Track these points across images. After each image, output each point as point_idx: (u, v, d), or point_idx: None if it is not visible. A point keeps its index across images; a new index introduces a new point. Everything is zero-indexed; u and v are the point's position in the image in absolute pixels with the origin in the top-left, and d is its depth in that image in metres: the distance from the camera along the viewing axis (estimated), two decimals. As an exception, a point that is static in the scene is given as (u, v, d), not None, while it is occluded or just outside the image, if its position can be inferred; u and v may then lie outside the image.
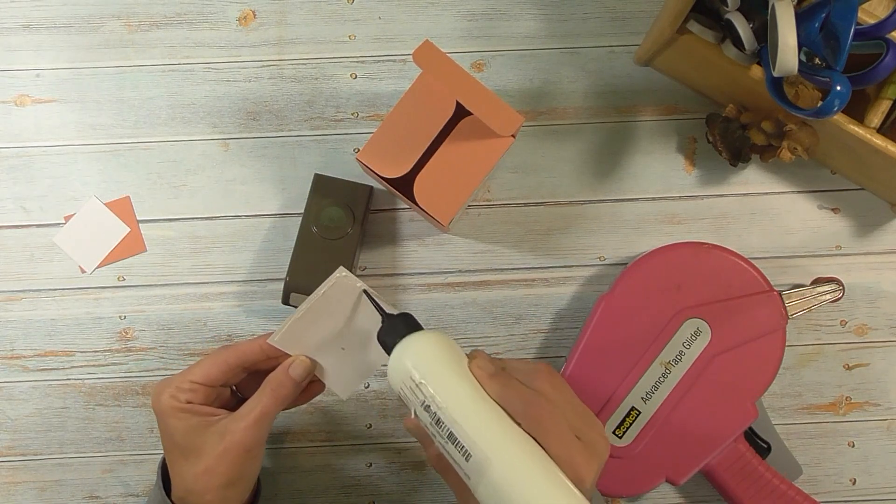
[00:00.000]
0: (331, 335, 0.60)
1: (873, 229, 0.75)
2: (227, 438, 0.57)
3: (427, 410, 0.50)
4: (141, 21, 0.75)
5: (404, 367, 0.52)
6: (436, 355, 0.52)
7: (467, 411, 0.49)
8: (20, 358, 0.74)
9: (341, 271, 0.59)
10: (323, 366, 0.61)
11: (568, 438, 0.49)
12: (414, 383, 0.51)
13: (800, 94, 0.65)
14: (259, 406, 0.58)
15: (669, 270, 0.69)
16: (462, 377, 0.51)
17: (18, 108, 0.75)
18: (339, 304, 0.59)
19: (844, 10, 0.57)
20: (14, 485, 0.74)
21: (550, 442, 0.49)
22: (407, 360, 0.52)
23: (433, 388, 0.50)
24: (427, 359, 0.52)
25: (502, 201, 0.75)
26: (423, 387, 0.51)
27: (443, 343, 0.53)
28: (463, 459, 0.49)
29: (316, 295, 0.59)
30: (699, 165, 0.75)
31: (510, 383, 0.51)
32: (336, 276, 0.59)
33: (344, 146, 0.75)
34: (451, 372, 0.51)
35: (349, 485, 0.74)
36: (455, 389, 0.50)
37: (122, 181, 0.75)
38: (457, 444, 0.49)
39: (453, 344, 0.53)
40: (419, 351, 0.52)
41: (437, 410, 0.50)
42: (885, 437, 0.74)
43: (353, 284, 0.59)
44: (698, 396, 0.68)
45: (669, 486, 0.72)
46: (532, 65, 0.75)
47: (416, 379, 0.51)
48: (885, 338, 0.75)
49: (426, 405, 0.50)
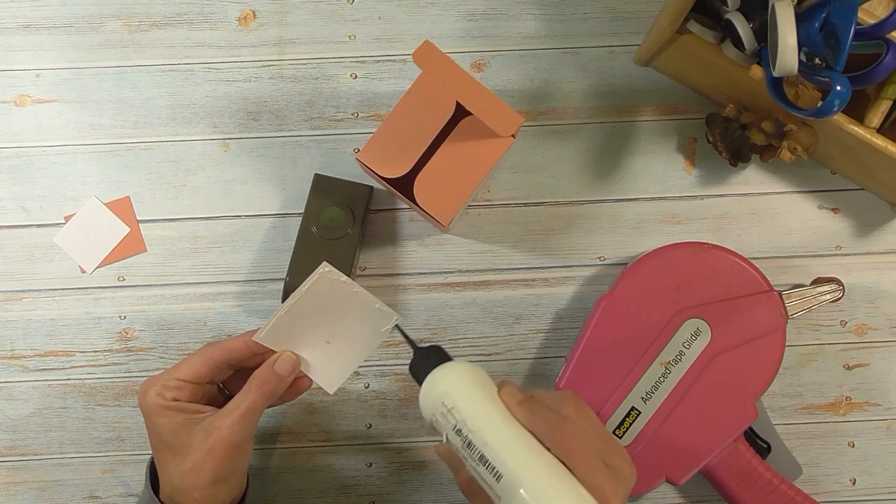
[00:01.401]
0: (316, 330, 0.61)
1: (873, 229, 0.75)
2: (213, 435, 0.57)
3: (459, 434, 0.52)
4: (141, 21, 0.75)
5: (436, 393, 0.54)
6: (467, 383, 0.54)
7: (498, 434, 0.51)
8: (20, 358, 0.74)
9: (325, 266, 0.59)
10: (309, 361, 0.61)
11: (595, 463, 0.51)
12: (446, 408, 0.53)
13: (800, 94, 0.65)
14: (245, 402, 0.58)
15: (669, 270, 0.69)
16: (492, 403, 0.53)
17: (18, 108, 0.75)
18: (323, 299, 0.60)
19: (844, 10, 0.57)
20: (14, 485, 0.74)
21: (577, 465, 0.50)
22: (439, 388, 0.54)
23: (465, 412, 0.52)
24: (458, 386, 0.54)
25: (502, 201, 0.75)
26: (454, 412, 0.52)
27: (473, 372, 0.55)
28: (494, 480, 0.50)
29: (300, 291, 0.59)
30: (699, 165, 0.75)
31: (538, 409, 0.52)
32: (320, 271, 0.59)
33: (344, 146, 0.75)
34: (482, 398, 0.53)
35: (349, 485, 0.74)
36: (485, 414, 0.52)
37: (122, 181, 0.75)
38: (488, 466, 0.51)
39: (483, 374, 0.55)
40: (451, 379, 0.54)
41: (468, 434, 0.52)
42: (885, 437, 0.74)
43: (336, 279, 0.59)
44: (698, 396, 0.68)
45: (669, 486, 0.72)
46: (532, 65, 0.75)
47: (447, 405, 0.53)
48: (885, 338, 0.75)
49: (458, 429, 0.52)
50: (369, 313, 0.60)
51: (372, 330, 0.61)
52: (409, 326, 0.74)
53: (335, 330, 0.61)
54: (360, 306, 0.60)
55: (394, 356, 0.74)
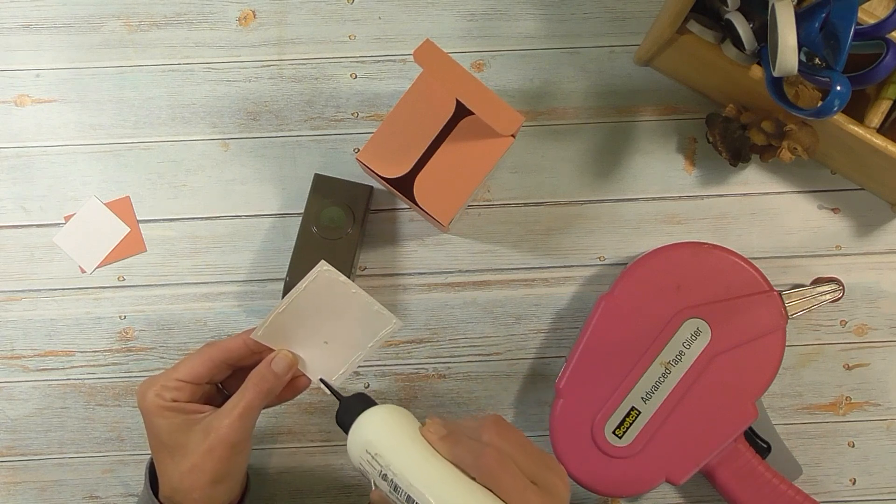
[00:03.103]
0: (314, 329, 0.60)
1: (873, 229, 0.75)
2: (211, 435, 0.57)
3: (385, 479, 0.52)
4: (141, 21, 0.75)
5: (361, 442, 0.54)
6: (389, 426, 0.54)
7: (420, 473, 0.51)
8: (20, 358, 0.74)
9: (323, 265, 0.59)
10: (307, 360, 0.61)
11: (521, 485, 0.50)
12: (370, 455, 0.53)
13: (800, 94, 0.65)
14: (243, 402, 0.58)
15: (669, 270, 0.69)
16: (415, 442, 0.53)
17: (18, 108, 0.75)
18: (321, 298, 0.59)
19: (844, 10, 0.57)
20: (14, 485, 0.74)
21: (505, 490, 0.50)
22: (363, 436, 0.54)
23: (388, 457, 0.52)
24: (380, 431, 0.54)
25: (502, 201, 0.75)
26: (378, 458, 0.53)
27: (395, 414, 0.55)
28: None
29: (298, 289, 0.59)
30: (699, 165, 0.75)
31: (460, 441, 0.52)
32: (318, 269, 0.59)
33: (344, 146, 0.75)
34: (404, 439, 0.53)
35: (349, 485, 0.74)
36: (407, 455, 0.52)
37: (122, 181, 0.75)
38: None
39: (406, 414, 0.55)
40: (373, 425, 0.54)
41: (392, 477, 0.52)
42: (885, 437, 0.74)
43: (335, 278, 0.59)
44: (698, 396, 0.68)
45: (669, 486, 0.72)
46: (532, 65, 0.75)
47: (371, 451, 0.53)
48: (885, 338, 0.75)
49: (383, 474, 0.52)
50: (368, 315, 0.60)
51: (371, 332, 0.61)
52: (409, 327, 0.74)
53: (333, 330, 0.61)
54: (358, 307, 0.60)
55: (394, 356, 0.74)
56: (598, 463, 0.68)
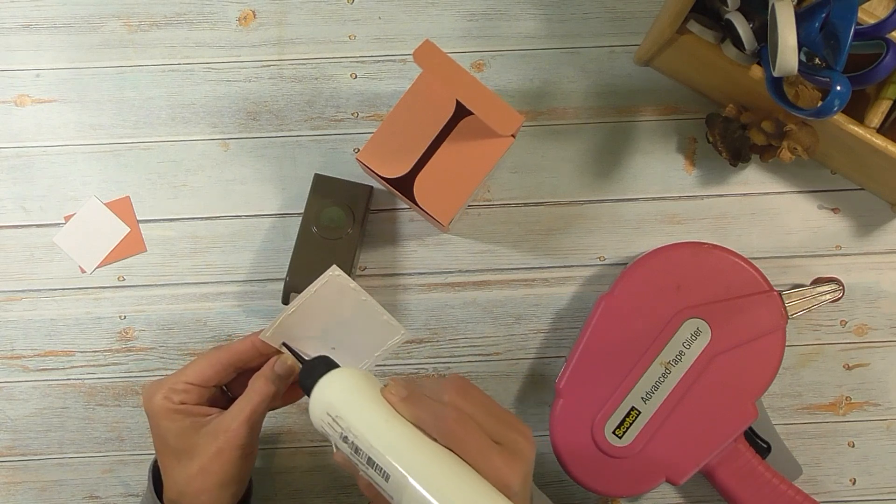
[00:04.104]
0: (321, 333, 0.60)
1: (873, 229, 0.75)
2: (220, 438, 0.57)
3: (346, 441, 0.52)
4: (141, 21, 0.75)
5: (322, 404, 0.53)
6: (349, 389, 0.53)
7: (380, 435, 0.51)
8: (20, 358, 0.74)
9: (335, 270, 0.59)
10: None
11: (484, 444, 0.50)
12: (331, 418, 0.52)
13: (800, 94, 0.65)
14: (250, 405, 0.58)
15: (669, 270, 0.69)
16: (376, 404, 0.52)
17: (18, 108, 0.75)
18: (330, 303, 0.59)
19: (844, 10, 0.57)
20: (14, 485, 0.74)
21: (467, 451, 0.49)
22: (324, 398, 0.53)
23: (348, 419, 0.52)
24: (341, 393, 0.53)
25: (502, 201, 0.75)
26: (339, 420, 0.52)
27: (356, 376, 0.54)
28: (383, 481, 0.50)
29: (308, 292, 0.59)
30: (699, 165, 0.75)
31: (420, 401, 0.51)
32: (329, 273, 0.59)
33: (344, 146, 0.75)
34: (365, 401, 0.52)
35: (349, 485, 0.74)
36: (368, 417, 0.52)
37: (122, 181, 0.75)
38: (375, 468, 0.50)
39: (368, 376, 0.54)
40: (334, 388, 0.54)
41: (353, 439, 0.51)
42: (885, 437, 0.74)
43: (346, 284, 0.59)
44: (698, 396, 0.68)
45: (669, 486, 0.72)
46: (532, 65, 0.75)
47: (332, 413, 0.52)
48: (885, 338, 0.75)
49: (344, 436, 0.52)
50: (377, 324, 0.60)
51: (378, 341, 0.61)
52: (409, 327, 0.74)
53: (341, 336, 0.61)
54: (367, 316, 0.60)
55: (394, 356, 0.74)
56: (598, 463, 0.68)
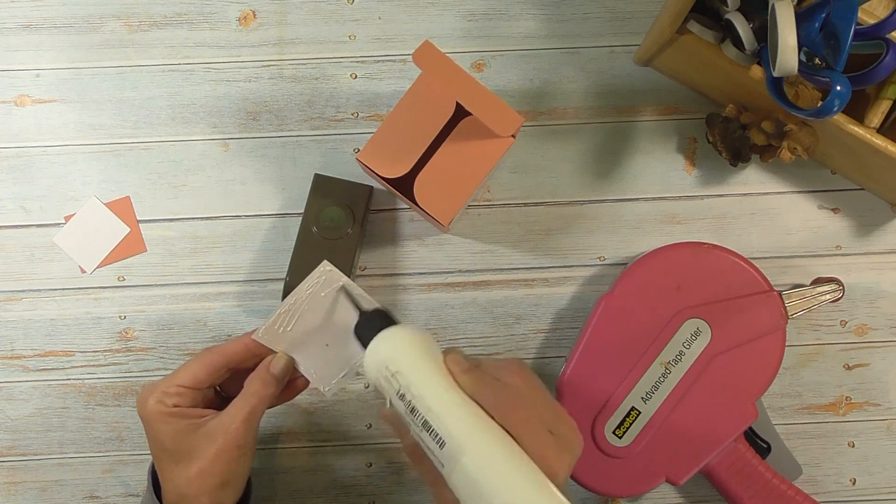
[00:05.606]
0: (315, 331, 0.60)
1: (873, 229, 0.75)
2: (219, 439, 0.57)
3: (402, 399, 0.51)
4: (141, 21, 0.75)
5: (381, 357, 0.53)
6: (412, 347, 0.53)
7: (441, 401, 0.50)
8: (20, 358, 0.74)
9: (325, 265, 0.59)
10: (307, 362, 0.61)
11: (539, 432, 0.50)
12: (390, 373, 0.52)
13: (800, 94, 0.65)
14: (247, 405, 0.58)
15: (669, 270, 0.69)
16: (436, 369, 0.52)
17: (18, 108, 0.75)
18: (323, 300, 0.59)
19: (844, 10, 0.57)
20: (14, 485, 0.74)
21: (522, 434, 0.50)
22: (383, 351, 0.53)
23: (408, 377, 0.51)
24: (403, 350, 0.53)
25: (502, 201, 0.75)
26: (398, 376, 0.52)
27: (419, 337, 0.54)
28: (437, 447, 0.50)
29: (300, 290, 0.59)
30: (699, 165, 0.75)
31: (483, 378, 0.52)
32: (320, 270, 0.59)
33: (344, 146, 0.75)
34: (427, 364, 0.52)
35: (349, 485, 0.74)
36: (430, 380, 0.51)
37: (122, 181, 0.75)
38: (431, 432, 0.50)
39: (430, 338, 0.54)
40: (396, 343, 0.53)
41: (411, 399, 0.51)
42: (885, 437, 0.74)
43: (337, 280, 0.59)
44: (698, 396, 0.68)
45: (669, 486, 0.72)
46: (532, 65, 0.75)
47: (391, 369, 0.52)
48: (885, 338, 0.75)
49: (401, 394, 0.51)
50: None
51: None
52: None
53: (334, 332, 0.61)
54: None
55: (394, 356, 0.74)
56: (598, 463, 0.68)
